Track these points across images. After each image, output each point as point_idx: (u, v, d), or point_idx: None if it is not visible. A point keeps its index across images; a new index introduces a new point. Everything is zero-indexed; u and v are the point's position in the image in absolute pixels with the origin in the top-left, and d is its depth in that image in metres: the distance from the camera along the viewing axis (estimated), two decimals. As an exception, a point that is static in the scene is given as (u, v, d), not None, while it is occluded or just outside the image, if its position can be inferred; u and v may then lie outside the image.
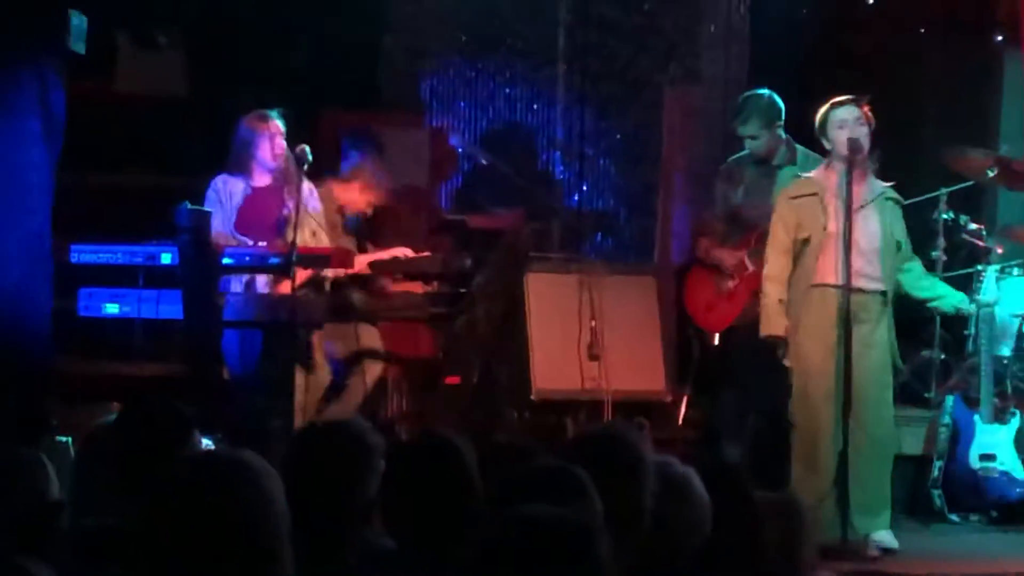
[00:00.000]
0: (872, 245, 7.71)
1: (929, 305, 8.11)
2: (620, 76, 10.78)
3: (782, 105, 8.68)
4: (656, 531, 3.90)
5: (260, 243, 8.24)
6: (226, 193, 8.44)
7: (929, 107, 10.72)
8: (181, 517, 3.07)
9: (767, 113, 8.66)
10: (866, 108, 7.74)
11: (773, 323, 7.77)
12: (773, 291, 7.78)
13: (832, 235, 7.62)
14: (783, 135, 8.73)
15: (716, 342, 8.97)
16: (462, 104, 11.14)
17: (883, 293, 7.75)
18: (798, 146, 8.67)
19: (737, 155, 8.94)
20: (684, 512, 4.02)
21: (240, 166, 8.50)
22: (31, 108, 6.99)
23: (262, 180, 8.52)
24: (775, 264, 7.81)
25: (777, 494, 5.18)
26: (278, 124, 8.47)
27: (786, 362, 7.76)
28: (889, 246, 7.76)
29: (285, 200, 8.39)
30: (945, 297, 8.01)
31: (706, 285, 8.94)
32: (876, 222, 7.75)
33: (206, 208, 8.14)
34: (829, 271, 7.64)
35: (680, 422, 9.30)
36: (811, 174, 7.92)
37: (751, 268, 8.56)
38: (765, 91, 8.77)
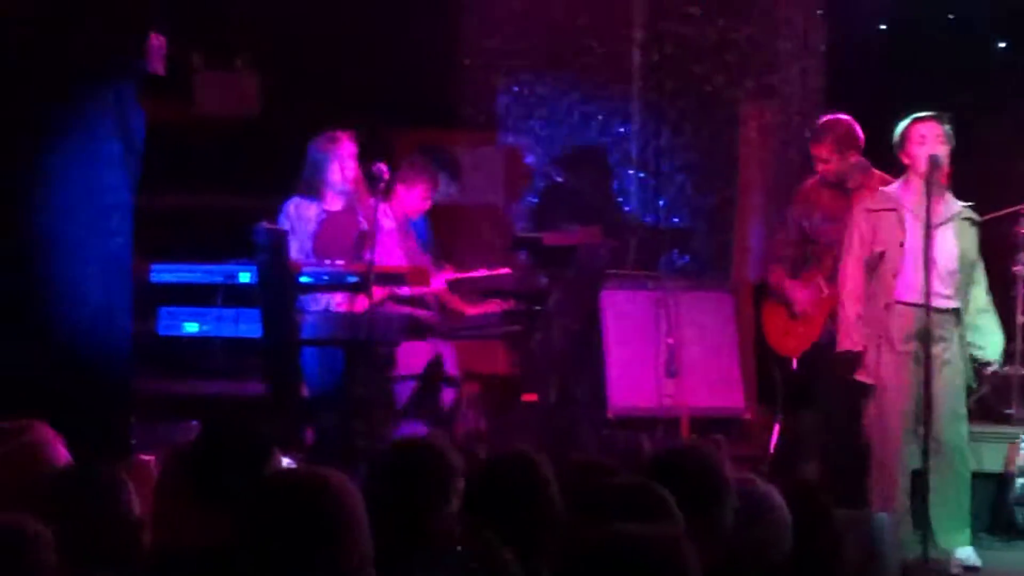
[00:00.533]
0: (950, 265, 7.67)
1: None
2: (695, 92, 10.75)
3: (860, 134, 8.56)
4: (737, 548, 3.89)
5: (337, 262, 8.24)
6: (298, 217, 8.33)
7: (1008, 120, 10.63)
8: (264, 535, 3.09)
9: (843, 140, 8.53)
10: (947, 126, 7.68)
11: (851, 338, 7.74)
12: (851, 306, 7.76)
13: (908, 251, 7.58)
14: (858, 161, 8.60)
15: (795, 367, 8.85)
16: (536, 122, 11.14)
17: (956, 311, 7.71)
18: (875, 171, 8.55)
19: (812, 178, 8.84)
20: (765, 529, 4.01)
21: (312, 189, 8.38)
22: (111, 131, 7.05)
23: (335, 203, 8.41)
24: (853, 278, 7.77)
25: (857, 511, 5.16)
26: (349, 145, 8.35)
27: (862, 378, 7.72)
28: (964, 266, 7.72)
29: (360, 221, 8.35)
30: (985, 348, 7.87)
31: (780, 310, 8.81)
32: (954, 241, 7.70)
33: (280, 232, 8.16)
34: (906, 288, 7.60)
35: (772, 444, 9.10)
36: (888, 189, 7.87)
37: (827, 292, 8.45)
38: (845, 117, 8.65)
